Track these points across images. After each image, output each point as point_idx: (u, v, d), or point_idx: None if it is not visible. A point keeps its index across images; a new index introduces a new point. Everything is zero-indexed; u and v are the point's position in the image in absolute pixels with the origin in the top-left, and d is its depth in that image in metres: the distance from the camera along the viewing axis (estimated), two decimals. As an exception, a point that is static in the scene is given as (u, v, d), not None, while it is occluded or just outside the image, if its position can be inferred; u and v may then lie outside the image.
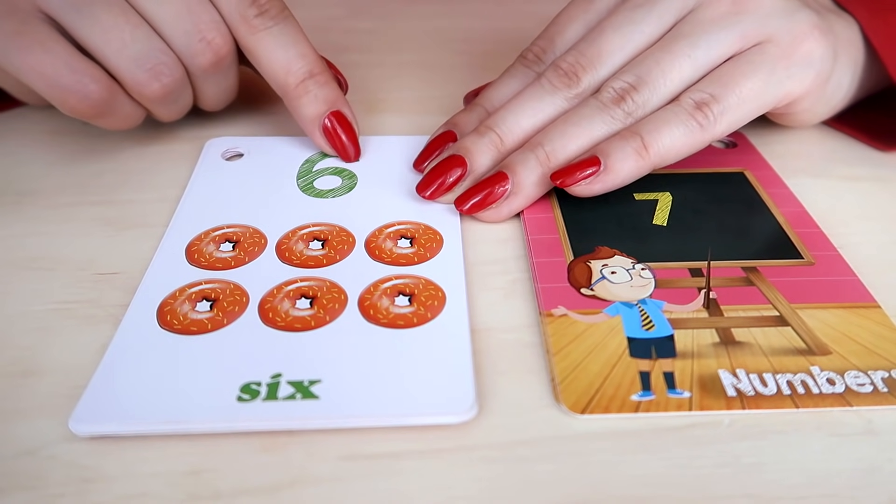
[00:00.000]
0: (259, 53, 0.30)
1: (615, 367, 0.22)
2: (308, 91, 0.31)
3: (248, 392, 0.21)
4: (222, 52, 0.30)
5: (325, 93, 0.31)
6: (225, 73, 0.32)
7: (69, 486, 0.19)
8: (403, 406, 0.20)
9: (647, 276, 0.26)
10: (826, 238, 0.28)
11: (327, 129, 0.31)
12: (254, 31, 0.30)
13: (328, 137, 0.31)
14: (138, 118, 0.31)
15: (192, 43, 0.29)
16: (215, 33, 0.29)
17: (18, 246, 0.27)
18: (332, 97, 0.31)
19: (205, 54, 0.30)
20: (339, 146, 0.32)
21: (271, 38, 0.30)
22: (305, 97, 0.31)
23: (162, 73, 0.29)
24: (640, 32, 0.29)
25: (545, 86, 0.30)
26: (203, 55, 0.30)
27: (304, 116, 0.31)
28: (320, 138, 0.32)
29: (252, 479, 0.19)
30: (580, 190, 0.27)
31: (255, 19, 0.30)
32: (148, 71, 0.28)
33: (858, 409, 0.21)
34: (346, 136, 0.32)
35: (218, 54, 0.30)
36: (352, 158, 0.32)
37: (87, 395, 0.21)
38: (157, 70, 0.29)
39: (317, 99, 0.31)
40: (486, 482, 0.19)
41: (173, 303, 0.24)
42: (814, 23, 0.29)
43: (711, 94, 0.28)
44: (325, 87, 0.31)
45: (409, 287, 0.25)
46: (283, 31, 0.30)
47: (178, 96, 0.31)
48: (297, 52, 0.31)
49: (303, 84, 0.31)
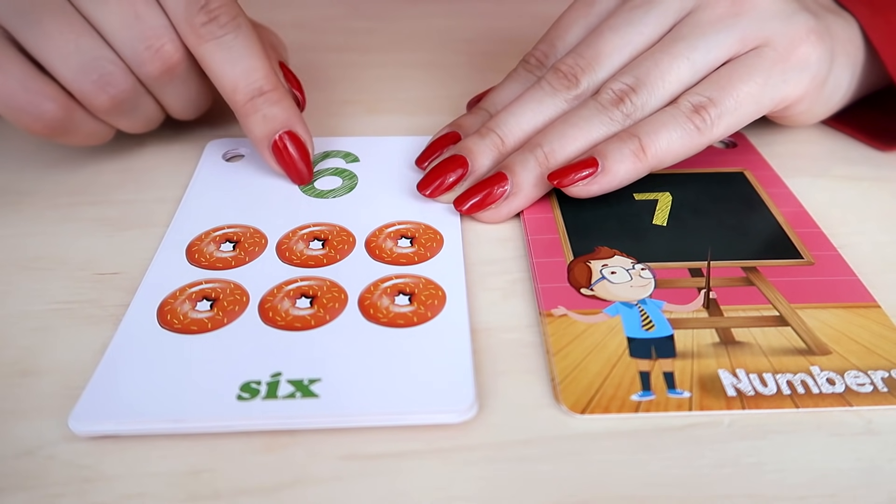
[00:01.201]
0: (207, 65, 0.28)
1: (615, 367, 0.22)
2: (257, 110, 0.29)
3: (248, 391, 0.21)
4: (172, 59, 0.28)
5: (275, 112, 0.29)
6: (183, 80, 0.30)
7: (69, 485, 0.19)
8: (403, 405, 0.20)
9: (647, 276, 0.26)
10: (826, 238, 0.28)
11: (278, 149, 0.29)
12: (201, 41, 0.28)
13: (278, 158, 0.30)
14: (105, 134, 0.30)
15: (140, 51, 0.27)
16: (165, 40, 0.28)
17: (18, 246, 0.27)
18: (283, 116, 0.29)
19: (153, 62, 0.28)
20: (290, 168, 0.30)
21: (220, 49, 0.28)
22: (253, 116, 0.29)
23: (109, 83, 0.27)
24: (639, 34, 0.29)
25: (545, 88, 0.30)
26: (151, 63, 0.28)
27: (252, 136, 0.29)
28: (270, 159, 0.30)
29: (252, 479, 0.19)
30: (577, 191, 0.27)
31: (202, 28, 0.27)
32: (94, 82, 0.27)
33: (858, 408, 0.21)
34: (298, 157, 0.30)
35: (167, 62, 0.28)
36: (304, 181, 0.30)
37: (87, 393, 0.21)
38: (104, 81, 0.27)
39: (265, 119, 0.29)
40: (486, 482, 0.19)
41: (174, 302, 0.24)
42: (810, 26, 0.29)
43: (709, 97, 0.28)
44: (277, 105, 0.29)
45: (410, 286, 0.25)
46: (234, 41, 0.28)
47: (133, 107, 0.29)
48: (246, 65, 0.28)
49: (251, 102, 0.28)
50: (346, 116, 0.37)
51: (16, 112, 0.27)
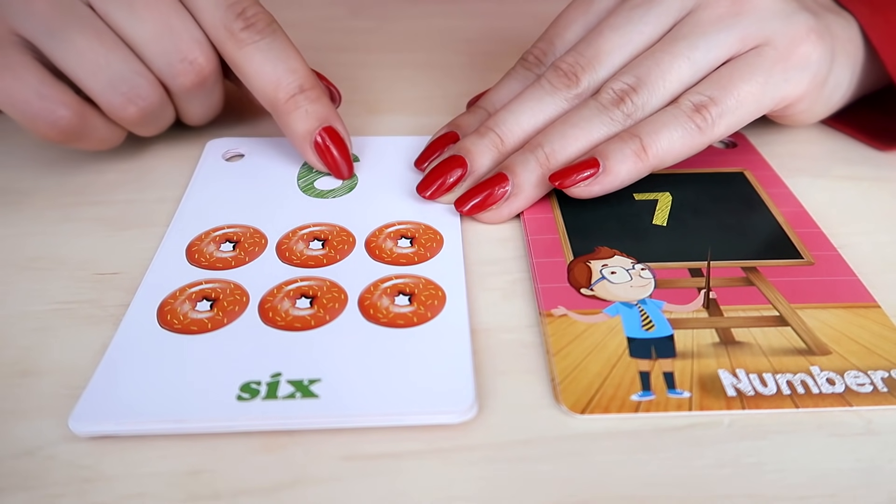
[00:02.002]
0: (247, 69, 0.29)
1: (615, 367, 0.22)
2: (299, 106, 0.29)
3: (247, 391, 0.21)
4: (205, 71, 0.29)
5: (316, 108, 0.30)
6: (209, 90, 0.31)
7: (69, 485, 0.19)
8: (403, 405, 0.20)
9: (647, 276, 0.26)
10: (826, 238, 0.28)
11: (319, 145, 0.30)
12: (241, 46, 0.29)
13: (320, 154, 0.30)
14: (117, 139, 0.31)
15: (174, 63, 0.28)
16: (198, 52, 0.28)
17: (18, 246, 0.27)
18: (323, 113, 0.30)
19: (187, 75, 0.29)
20: (331, 163, 0.30)
21: (259, 52, 0.29)
22: (296, 113, 0.29)
23: (138, 96, 0.28)
24: (639, 33, 0.29)
25: (545, 86, 0.30)
26: (185, 76, 0.29)
27: (294, 133, 0.30)
28: (312, 155, 0.30)
29: (252, 479, 0.19)
30: (579, 191, 0.27)
31: (241, 33, 0.28)
32: (123, 95, 0.28)
33: (858, 408, 0.21)
34: (338, 153, 0.30)
35: (201, 74, 0.29)
36: (344, 175, 0.31)
37: (88, 394, 0.21)
38: (134, 94, 0.28)
39: (308, 115, 0.29)
40: (486, 482, 0.19)
41: (173, 302, 0.24)
42: (811, 26, 0.29)
43: (710, 96, 0.28)
44: (317, 102, 0.30)
45: (410, 287, 0.25)
46: (272, 44, 0.29)
47: (157, 117, 0.30)
48: (286, 66, 0.29)
49: (293, 99, 0.29)
50: (346, 116, 0.37)
51: (30, 119, 0.27)
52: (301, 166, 0.32)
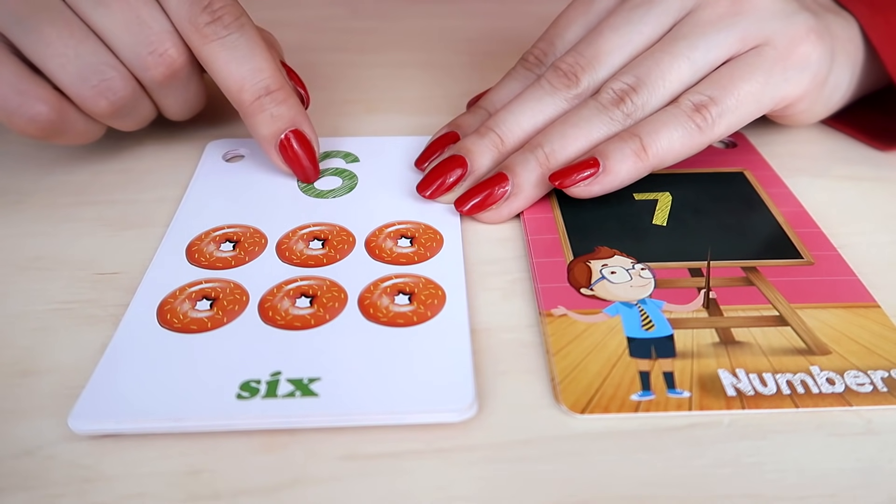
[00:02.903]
0: (212, 65, 0.28)
1: (615, 367, 0.22)
2: (264, 109, 0.29)
3: (247, 390, 0.21)
4: (176, 64, 0.28)
5: (282, 111, 0.29)
6: (184, 83, 0.30)
7: (69, 485, 0.19)
8: (403, 404, 0.20)
9: (647, 275, 0.26)
10: (826, 238, 0.28)
11: (284, 148, 0.29)
12: (206, 41, 0.28)
13: (285, 157, 0.30)
14: (96, 133, 0.30)
15: (143, 56, 0.27)
16: (168, 44, 0.28)
17: (18, 246, 0.27)
18: (289, 115, 0.29)
19: (157, 67, 0.28)
20: (296, 167, 0.30)
21: (224, 49, 0.28)
22: (261, 115, 0.29)
23: (109, 89, 0.27)
24: (639, 33, 0.29)
25: (545, 86, 0.30)
26: (155, 68, 0.28)
27: (259, 135, 0.29)
28: (277, 158, 0.30)
29: (252, 479, 0.19)
30: (579, 191, 0.27)
31: (206, 27, 0.27)
32: (93, 88, 0.27)
33: (858, 408, 0.21)
34: (304, 156, 0.30)
35: (171, 67, 0.28)
36: (310, 179, 0.30)
37: (87, 392, 0.21)
38: (104, 87, 0.27)
39: (273, 118, 0.29)
40: (486, 482, 0.19)
41: (173, 301, 0.24)
42: (810, 26, 0.29)
43: (710, 96, 0.28)
44: (283, 104, 0.29)
45: (409, 286, 0.25)
46: (239, 41, 0.28)
47: (131, 110, 0.29)
48: (252, 65, 0.28)
49: (258, 101, 0.28)
50: (346, 116, 0.37)
51: (8, 115, 0.27)
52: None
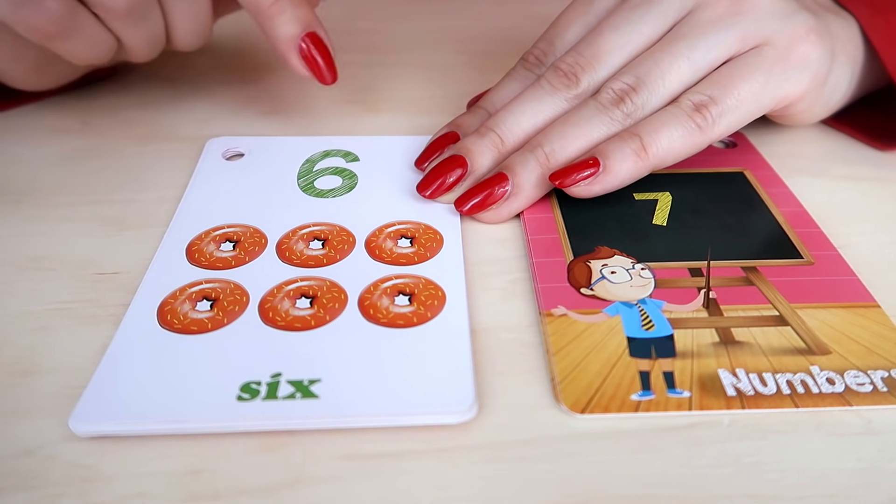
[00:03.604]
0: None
1: (615, 367, 0.22)
2: (283, 11, 0.30)
3: (247, 391, 0.21)
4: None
5: (299, 13, 0.30)
6: None
7: (69, 485, 0.19)
8: (403, 405, 0.20)
9: (647, 275, 0.26)
10: (826, 238, 0.28)
11: (303, 51, 0.30)
12: None
13: (305, 60, 0.31)
14: (105, 45, 0.30)
15: None
16: None
17: (18, 246, 0.27)
18: (306, 18, 0.30)
19: None
20: (315, 69, 0.31)
21: None
22: (280, 17, 0.30)
23: None
24: (639, 33, 0.29)
25: (545, 86, 0.30)
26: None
27: (279, 37, 0.30)
28: (297, 61, 0.31)
29: (252, 479, 0.19)
30: (579, 191, 0.27)
31: None
32: None
33: (858, 408, 0.21)
34: (321, 59, 0.31)
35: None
36: (328, 81, 0.31)
37: (88, 394, 0.21)
38: None
39: (292, 19, 0.30)
40: (486, 482, 0.19)
41: (174, 302, 0.24)
42: (810, 25, 0.29)
43: (710, 96, 0.28)
44: (300, 7, 0.30)
45: (409, 286, 0.25)
46: None
47: (145, 13, 0.29)
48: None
49: (277, 4, 0.29)
50: (346, 116, 0.37)
51: (18, 6, 0.26)
52: (301, 165, 0.32)
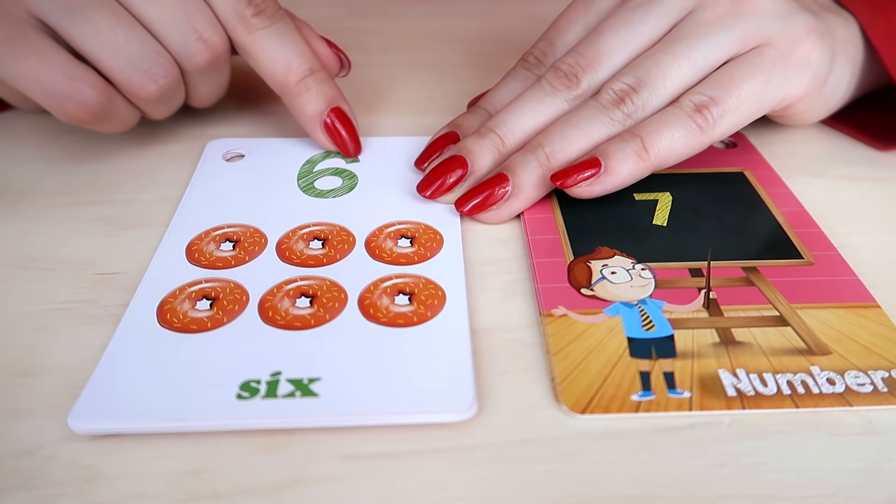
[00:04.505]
0: (258, 53, 0.31)
1: (615, 367, 0.22)
2: (309, 88, 0.31)
3: (247, 390, 0.21)
4: (219, 50, 0.30)
5: (324, 90, 0.31)
6: (220, 70, 0.32)
7: (69, 485, 0.19)
8: (403, 404, 0.20)
9: (647, 276, 0.26)
10: (826, 238, 0.28)
11: (328, 126, 0.32)
12: (251, 31, 0.30)
13: (330, 134, 0.32)
14: (134, 120, 0.31)
15: (190, 42, 0.29)
16: (212, 32, 0.29)
17: (18, 246, 0.27)
18: (331, 94, 0.32)
19: (202, 54, 0.29)
20: (340, 142, 0.32)
21: (269, 37, 0.30)
22: (306, 94, 0.31)
23: (158, 74, 0.29)
24: (639, 34, 0.29)
25: (545, 87, 0.30)
26: (201, 55, 0.29)
27: (305, 114, 0.32)
28: (322, 135, 0.32)
29: (252, 479, 0.19)
30: (580, 191, 0.27)
31: (252, 18, 0.30)
32: (143, 73, 0.28)
33: (858, 408, 0.21)
34: (346, 133, 0.32)
35: (215, 53, 0.30)
36: (352, 153, 0.32)
37: (87, 392, 0.21)
38: (153, 72, 0.29)
39: (318, 96, 0.31)
40: (486, 482, 0.19)
41: (173, 301, 0.24)
42: (811, 26, 0.29)
43: (711, 96, 0.28)
44: (325, 84, 0.31)
45: (410, 286, 0.25)
46: (280, 29, 0.31)
47: (172, 96, 0.31)
48: (295, 50, 0.31)
49: (303, 82, 0.31)
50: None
51: (58, 99, 0.27)
52: (301, 166, 0.32)
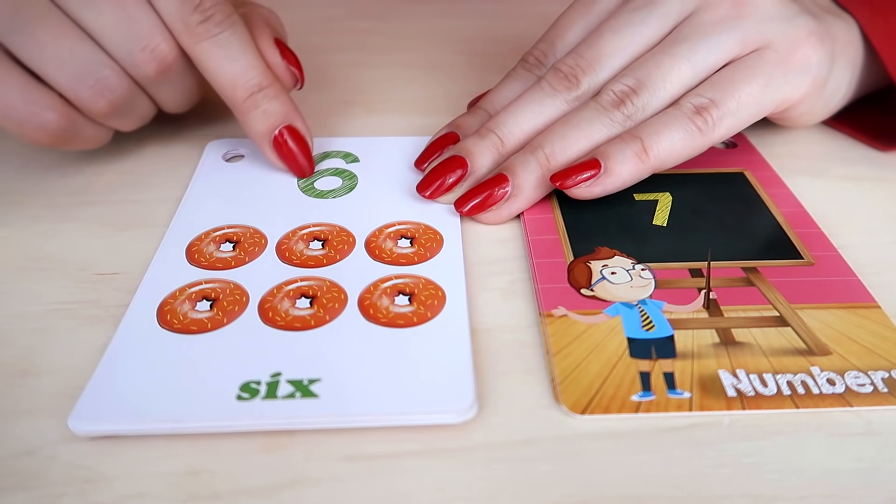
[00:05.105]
0: (204, 64, 0.28)
1: (615, 368, 0.22)
2: (257, 105, 0.29)
3: (247, 391, 0.21)
4: (168, 59, 0.28)
5: (274, 106, 0.29)
6: (179, 77, 0.30)
7: (69, 486, 0.19)
8: (403, 405, 0.20)
9: (647, 276, 0.26)
10: (826, 238, 0.28)
11: (279, 143, 0.30)
12: (198, 40, 0.28)
13: (279, 153, 0.30)
14: (104, 137, 0.30)
15: (135, 52, 0.27)
16: (159, 39, 0.27)
17: (18, 246, 0.27)
18: (282, 110, 0.29)
19: (149, 64, 0.28)
20: (291, 162, 0.30)
21: (217, 47, 0.28)
22: (254, 112, 0.29)
23: (106, 87, 0.27)
24: (640, 35, 0.29)
25: (545, 88, 0.30)
26: (148, 65, 0.28)
27: (253, 132, 0.30)
28: (271, 154, 0.30)
29: (252, 479, 0.19)
30: (580, 192, 0.27)
31: (198, 26, 0.28)
32: (90, 88, 0.27)
33: (858, 409, 0.21)
34: (299, 151, 0.30)
35: (164, 62, 0.28)
36: (305, 174, 0.31)
37: (87, 393, 0.21)
38: (101, 86, 0.27)
39: (266, 114, 0.29)
40: (486, 482, 0.19)
41: (173, 302, 0.24)
42: (811, 29, 0.29)
43: (711, 98, 0.28)
44: (276, 100, 0.29)
45: (409, 286, 0.25)
46: (230, 39, 0.28)
47: (130, 108, 0.29)
48: (244, 62, 0.29)
49: (251, 98, 0.29)
50: (346, 116, 0.37)
51: (17, 124, 0.27)
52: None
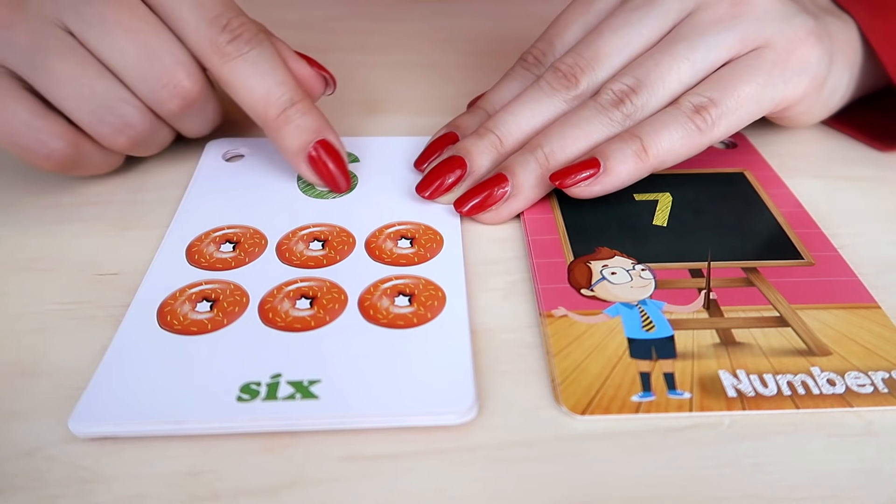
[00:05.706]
0: (234, 84, 0.28)
1: (615, 368, 0.22)
2: (290, 121, 0.28)
3: (247, 392, 0.21)
4: (191, 94, 0.28)
5: (307, 121, 0.28)
6: (201, 108, 0.29)
7: (68, 486, 0.19)
8: (403, 406, 0.20)
9: (648, 276, 0.26)
10: (826, 238, 0.28)
11: (314, 159, 0.29)
12: (226, 60, 0.27)
13: (315, 168, 0.29)
14: (115, 163, 0.30)
15: (157, 89, 0.27)
16: (182, 75, 0.27)
17: (18, 246, 0.27)
18: (315, 125, 0.29)
19: (173, 100, 0.27)
20: (327, 177, 0.29)
21: (246, 66, 0.27)
22: (287, 128, 0.28)
23: (127, 125, 0.27)
24: (639, 34, 0.29)
25: (544, 88, 0.30)
26: (171, 101, 0.27)
27: (287, 149, 0.29)
28: (307, 170, 0.29)
29: (252, 480, 0.19)
30: (579, 191, 0.27)
31: (227, 46, 0.27)
32: (110, 125, 0.27)
33: (859, 409, 0.21)
34: (334, 166, 0.29)
35: (186, 98, 0.28)
36: (342, 188, 0.30)
37: (87, 395, 0.21)
38: (122, 123, 0.27)
39: (300, 129, 0.28)
40: (486, 482, 0.19)
41: (173, 303, 0.24)
42: (810, 28, 0.29)
43: (710, 97, 0.28)
44: (308, 114, 0.28)
45: (409, 287, 0.25)
46: (259, 57, 0.28)
47: (151, 141, 0.29)
48: (275, 79, 0.28)
49: (284, 114, 0.28)
50: (346, 117, 0.37)
51: (24, 151, 0.26)
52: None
